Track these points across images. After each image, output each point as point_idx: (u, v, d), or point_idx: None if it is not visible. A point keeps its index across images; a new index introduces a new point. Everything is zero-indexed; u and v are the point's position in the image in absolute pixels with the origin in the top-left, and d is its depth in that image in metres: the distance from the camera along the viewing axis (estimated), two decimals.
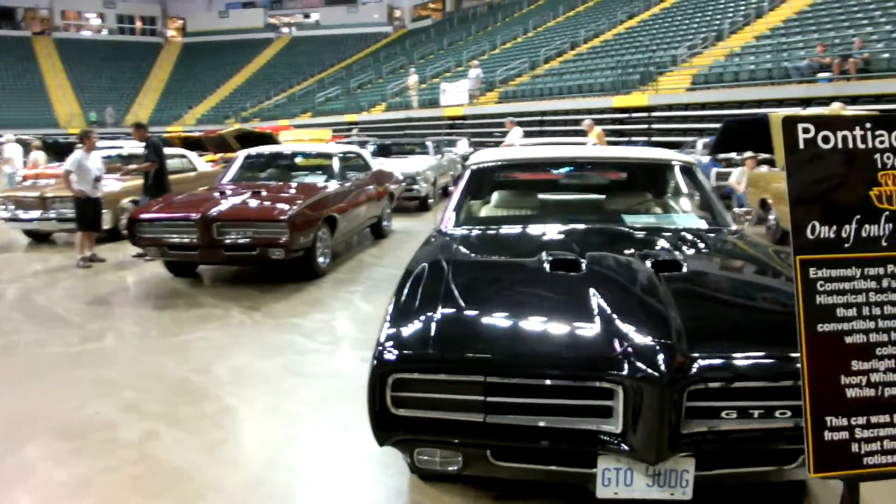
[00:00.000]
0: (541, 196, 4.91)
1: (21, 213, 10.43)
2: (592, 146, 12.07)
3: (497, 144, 23.96)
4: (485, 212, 4.78)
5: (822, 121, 2.18)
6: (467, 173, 4.67)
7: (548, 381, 2.50)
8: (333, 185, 8.76)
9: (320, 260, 7.98)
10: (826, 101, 15.13)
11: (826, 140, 2.15)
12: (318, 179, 9.10)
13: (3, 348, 5.76)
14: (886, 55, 16.57)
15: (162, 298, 7.27)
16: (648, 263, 3.19)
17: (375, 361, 2.54)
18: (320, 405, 4.40)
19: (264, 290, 7.43)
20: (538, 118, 23.58)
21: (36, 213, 10.32)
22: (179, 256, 7.70)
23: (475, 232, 4.18)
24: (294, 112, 40.14)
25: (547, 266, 3.25)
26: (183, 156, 13.23)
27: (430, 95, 30.73)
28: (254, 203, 7.69)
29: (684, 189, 4.63)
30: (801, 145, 2.14)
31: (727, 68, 20.19)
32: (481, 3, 52.47)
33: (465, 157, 20.32)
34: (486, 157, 4.89)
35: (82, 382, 4.88)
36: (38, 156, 17.05)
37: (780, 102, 16.36)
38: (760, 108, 16.69)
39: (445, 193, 16.72)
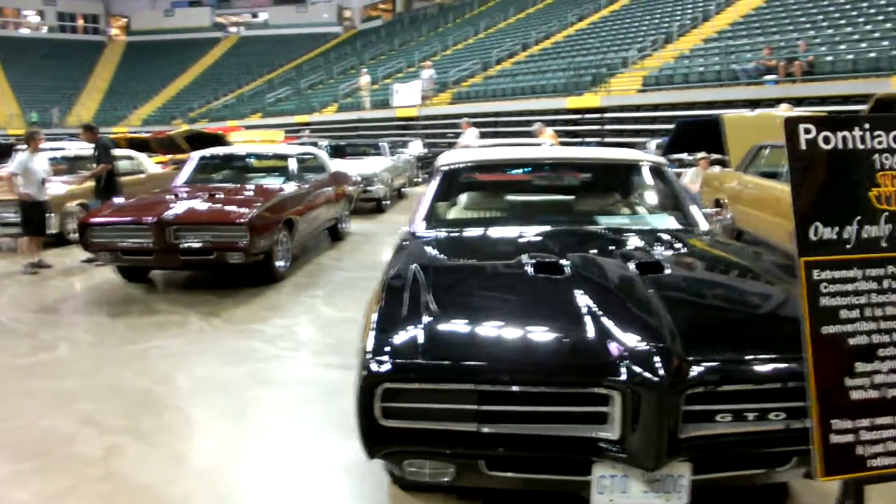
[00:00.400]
0: (513, 197, 4.84)
1: None
2: (550, 147, 12.12)
3: (451, 146, 23.97)
4: (458, 213, 4.69)
5: (822, 121, 2.16)
6: (439, 174, 4.57)
7: (543, 389, 2.43)
8: (291, 187, 8.57)
9: (279, 264, 7.79)
10: (773, 102, 15.46)
11: (827, 140, 2.13)
12: (275, 181, 8.90)
13: None
14: (830, 58, 17.05)
15: (115, 305, 7.00)
16: (631, 265, 3.15)
17: (365, 372, 2.43)
18: (288, 414, 4.25)
19: (222, 295, 7.21)
20: (492, 119, 23.61)
21: None
22: (133, 262, 7.42)
23: (450, 234, 4.08)
24: (244, 113, 39.51)
25: (530, 269, 3.18)
26: (131, 157, 12.85)
27: (383, 96, 30.57)
28: (211, 206, 7.46)
29: (656, 189, 4.62)
30: (803, 146, 2.12)
31: (677, 70, 20.54)
32: (432, 4, 52.41)
33: (419, 159, 20.24)
34: (458, 157, 4.80)
35: (36, 395, 4.63)
36: None
37: (729, 104, 16.63)
38: (711, 109, 16.99)
39: (400, 195, 16.62)
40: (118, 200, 7.98)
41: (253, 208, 7.20)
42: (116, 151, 10.35)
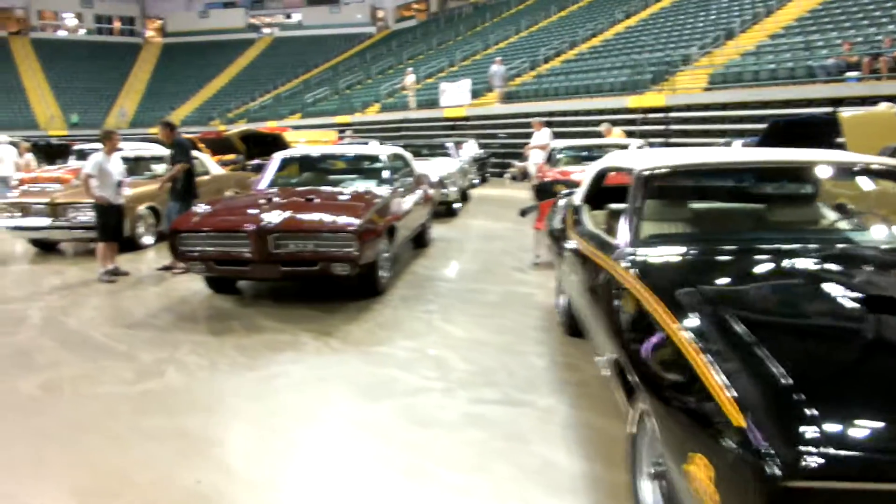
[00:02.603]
0: (736, 206, 4.07)
1: (28, 221, 9.43)
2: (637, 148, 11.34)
3: (504, 146, 23.22)
4: (681, 227, 3.88)
5: None
6: (646, 181, 3.79)
7: None
8: (386, 191, 7.85)
9: (383, 275, 7.10)
10: (856, 101, 14.58)
11: None
12: (366, 185, 8.18)
13: (44, 388, 4.77)
14: None
15: (213, 321, 6.32)
16: None
17: (772, 470, 1.69)
18: (474, 468, 3.49)
19: (325, 310, 6.52)
20: (546, 119, 22.77)
21: (46, 221, 9.33)
22: (227, 272, 6.78)
23: (696, 256, 3.25)
24: (282, 113, 39.01)
25: (854, 304, 2.42)
26: (195, 158, 12.25)
27: (426, 96, 29.87)
28: (314, 213, 6.75)
29: None
30: None
31: (745, 67, 19.59)
32: (466, 3, 51.68)
33: (476, 160, 19.49)
34: (662, 161, 4.01)
35: (160, 436, 3.95)
36: (30, 158, 16.05)
37: (809, 102, 15.78)
38: (788, 108, 16.12)
39: (464, 198, 15.89)
40: (205, 206, 7.29)
41: (360, 215, 6.51)
42: None
